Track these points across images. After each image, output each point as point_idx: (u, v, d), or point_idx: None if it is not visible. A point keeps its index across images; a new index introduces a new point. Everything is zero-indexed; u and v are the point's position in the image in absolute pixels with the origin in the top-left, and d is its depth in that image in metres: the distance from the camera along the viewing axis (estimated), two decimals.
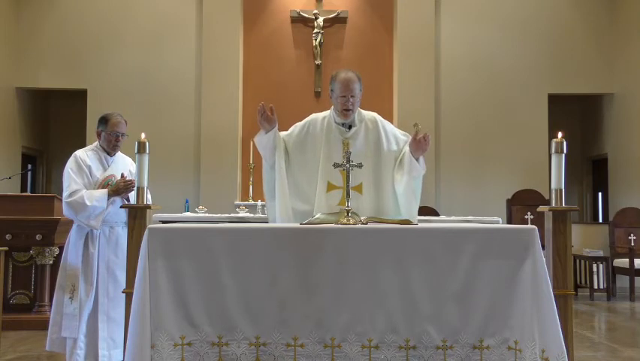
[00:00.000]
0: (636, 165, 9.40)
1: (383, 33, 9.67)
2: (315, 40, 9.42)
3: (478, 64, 9.61)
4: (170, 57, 9.52)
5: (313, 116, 3.81)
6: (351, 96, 3.60)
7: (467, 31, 9.64)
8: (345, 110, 3.63)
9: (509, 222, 9.06)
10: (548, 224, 3.17)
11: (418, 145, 3.57)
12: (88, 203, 4.05)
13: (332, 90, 3.67)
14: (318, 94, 9.43)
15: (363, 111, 3.77)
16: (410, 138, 3.66)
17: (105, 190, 4.14)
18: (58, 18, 9.62)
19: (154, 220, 6.09)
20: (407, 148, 3.67)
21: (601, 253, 9.13)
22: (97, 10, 9.57)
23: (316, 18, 9.43)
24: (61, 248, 5.65)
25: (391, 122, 9.23)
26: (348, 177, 3.28)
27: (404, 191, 3.60)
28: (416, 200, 3.67)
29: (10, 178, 7.54)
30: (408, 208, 3.60)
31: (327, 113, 3.78)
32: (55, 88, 9.96)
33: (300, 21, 9.56)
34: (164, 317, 2.86)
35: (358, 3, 9.64)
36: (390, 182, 3.66)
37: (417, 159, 3.61)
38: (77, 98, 9.80)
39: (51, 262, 6.40)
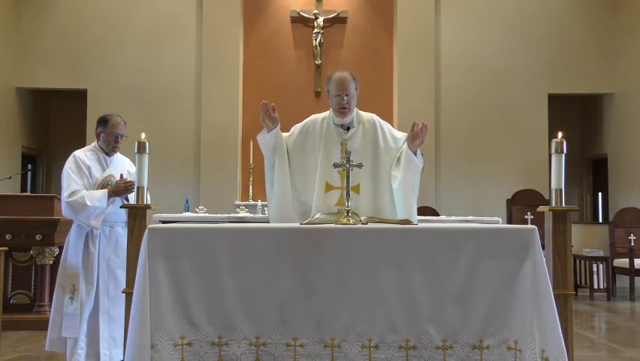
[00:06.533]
0: (636, 165, 9.40)
1: (383, 33, 9.67)
2: (315, 40, 9.42)
3: (478, 64, 9.61)
4: (170, 57, 9.53)
5: (312, 117, 3.84)
6: (346, 95, 3.62)
7: (467, 31, 9.64)
8: (341, 109, 3.65)
9: (509, 222, 9.06)
10: (548, 224, 3.17)
11: (415, 136, 3.57)
12: (88, 203, 4.05)
13: (328, 91, 3.71)
14: (318, 94, 9.43)
15: (361, 112, 3.79)
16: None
17: (105, 190, 4.14)
18: (59, 18, 9.62)
19: (154, 220, 6.09)
20: (405, 145, 3.67)
21: (601, 253, 9.13)
22: (97, 10, 9.58)
23: (316, 18, 9.43)
24: (61, 248, 5.64)
25: (391, 122, 9.28)
26: (348, 177, 3.27)
27: (401, 186, 3.60)
28: (415, 196, 3.66)
29: (10, 178, 7.54)
30: (406, 205, 3.59)
31: (326, 114, 3.81)
32: (55, 88, 9.96)
33: (300, 21, 9.56)
34: (164, 316, 2.86)
35: (358, 3, 9.64)
36: (388, 182, 3.67)
37: (414, 153, 3.62)
38: (77, 98, 9.80)
39: (51, 262, 6.40)
